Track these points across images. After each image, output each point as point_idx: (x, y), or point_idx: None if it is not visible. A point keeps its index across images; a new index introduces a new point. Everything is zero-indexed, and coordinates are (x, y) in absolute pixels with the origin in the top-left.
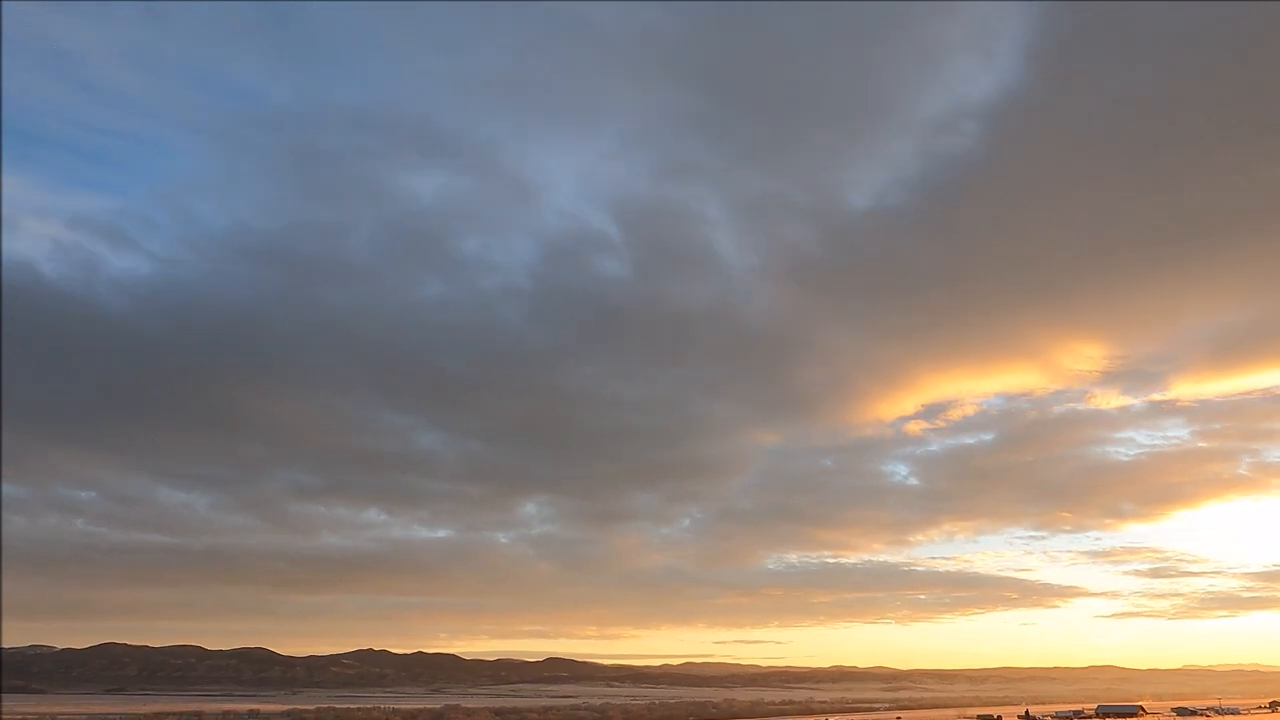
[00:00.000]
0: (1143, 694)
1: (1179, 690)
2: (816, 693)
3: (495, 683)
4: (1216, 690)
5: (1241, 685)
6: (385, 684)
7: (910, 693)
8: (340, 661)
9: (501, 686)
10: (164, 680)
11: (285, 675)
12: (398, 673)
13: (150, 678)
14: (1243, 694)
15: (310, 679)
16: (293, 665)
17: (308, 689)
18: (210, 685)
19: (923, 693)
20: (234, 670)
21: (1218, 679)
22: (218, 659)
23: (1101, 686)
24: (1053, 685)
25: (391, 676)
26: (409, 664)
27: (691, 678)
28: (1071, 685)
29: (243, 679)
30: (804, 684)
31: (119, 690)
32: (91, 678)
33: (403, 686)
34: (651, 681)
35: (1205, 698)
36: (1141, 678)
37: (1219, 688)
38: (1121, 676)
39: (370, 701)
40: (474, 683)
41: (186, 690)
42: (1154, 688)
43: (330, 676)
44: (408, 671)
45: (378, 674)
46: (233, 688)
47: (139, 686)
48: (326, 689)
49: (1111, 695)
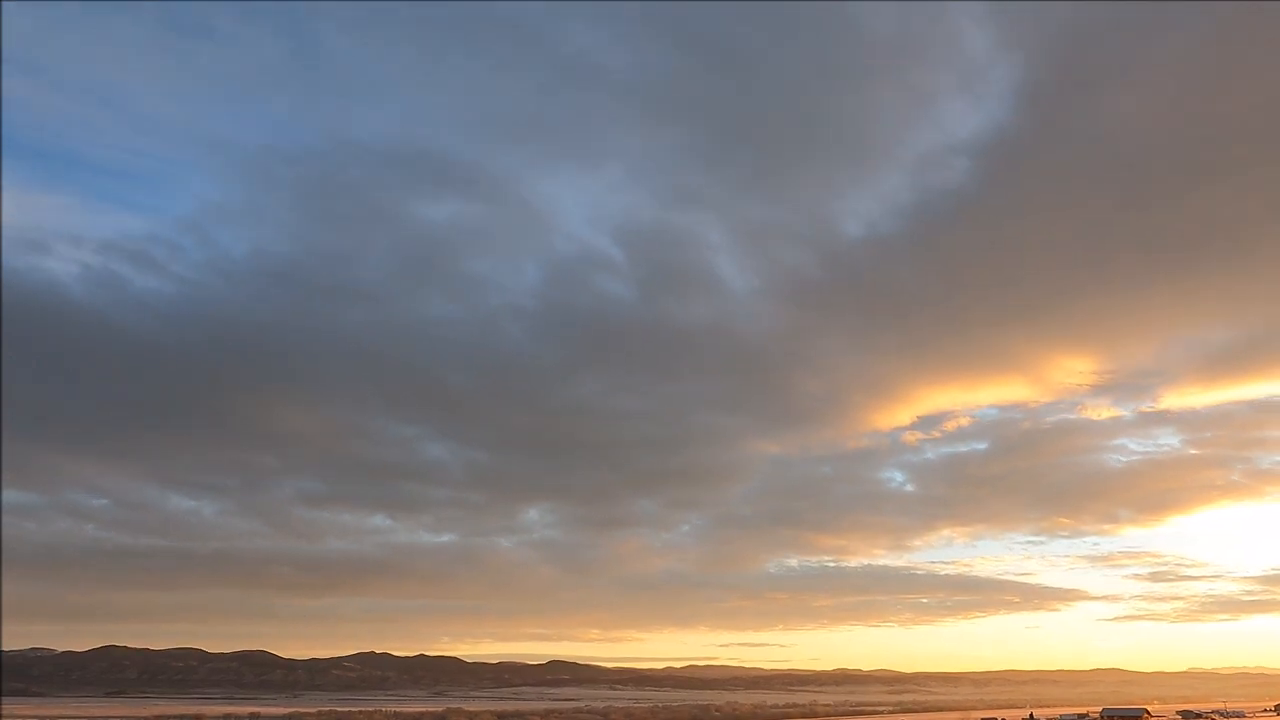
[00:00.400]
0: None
1: (1184, 693)
2: (820, 695)
3: (498, 685)
4: (1222, 693)
5: (1247, 688)
6: (387, 687)
7: (914, 695)
8: (342, 664)
9: (504, 689)
10: (165, 683)
11: (286, 678)
12: (399, 675)
13: (151, 680)
14: (1248, 697)
15: (311, 682)
16: (294, 668)
17: (309, 692)
18: (211, 688)
19: (927, 695)
20: (235, 673)
21: (1222, 682)
22: (219, 661)
23: (1106, 689)
24: (1057, 688)
25: (393, 679)
26: (411, 667)
27: (694, 680)
28: (1076, 688)
29: (244, 682)
30: (807, 687)
31: (119, 693)
32: (92, 680)
33: (405, 689)
34: (654, 684)
35: (1210, 700)
36: (1146, 681)
37: (1224, 690)
38: (1126, 679)
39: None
40: (476, 685)
41: (187, 693)
42: (1159, 690)
43: (332, 679)
44: (410, 674)
45: (379, 677)
46: (234, 690)
47: (139, 689)
48: (328, 692)
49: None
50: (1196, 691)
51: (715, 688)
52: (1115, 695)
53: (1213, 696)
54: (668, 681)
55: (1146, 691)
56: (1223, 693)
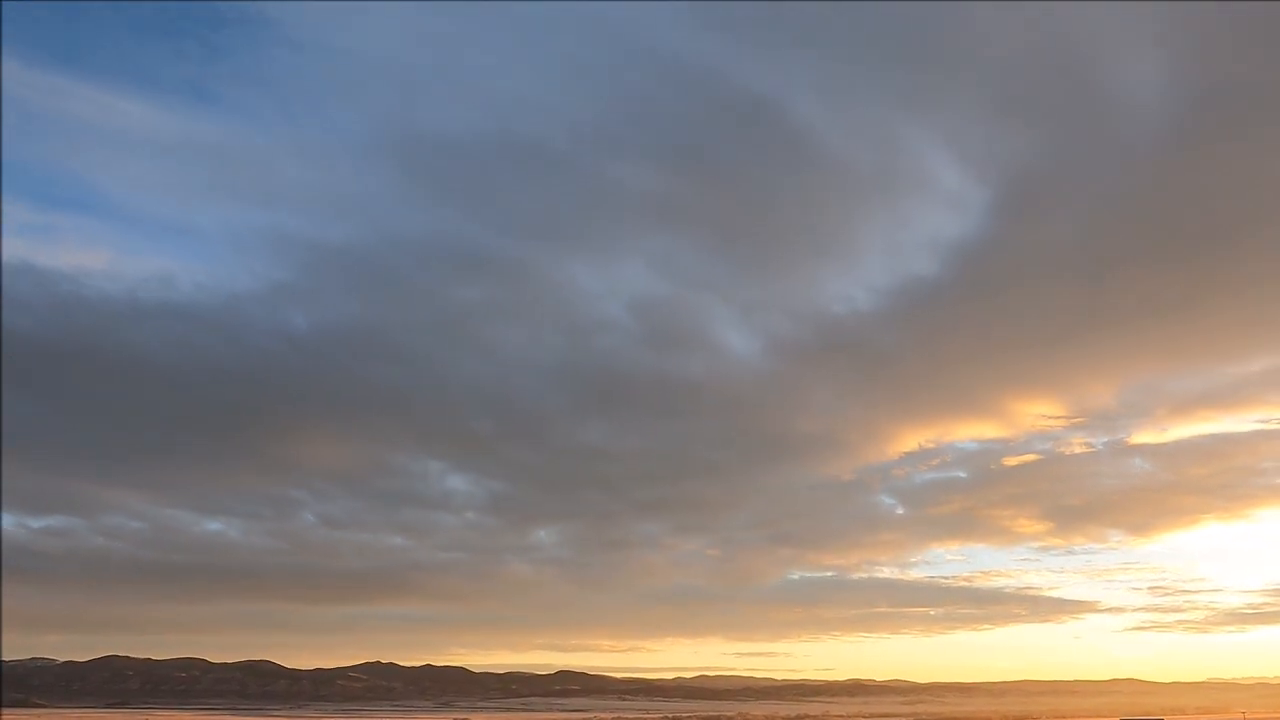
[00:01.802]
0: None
1: (1203, 704)
2: (833, 706)
3: (506, 696)
4: (1241, 704)
5: (1267, 699)
6: (394, 697)
7: (929, 707)
8: (348, 674)
9: (512, 700)
10: (167, 693)
11: (291, 688)
12: (406, 686)
13: (153, 691)
14: (1267, 708)
15: (317, 692)
16: (299, 678)
17: (314, 702)
18: (214, 698)
19: (941, 706)
20: (239, 683)
21: (1242, 692)
22: (222, 671)
23: (1124, 700)
24: (1074, 699)
25: (400, 690)
26: (418, 677)
27: (705, 691)
28: (1094, 699)
29: (248, 692)
30: (820, 697)
31: (121, 704)
32: (93, 691)
33: (411, 700)
34: (664, 695)
35: (1230, 711)
36: (1164, 691)
37: (1244, 701)
38: (1143, 690)
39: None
40: (484, 696)
41: (190, 703)
42: (1177, 701)
43: (337, 690)
44: (416, 685)
45: (386, 687)
46: (237, 701)
47: (141, 700)
48: (333, 703)
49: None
50: (1216, 701)
51: (726, 698)
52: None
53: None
54: (678, 692)
55: (1165, 702)
56: (1243, 703)
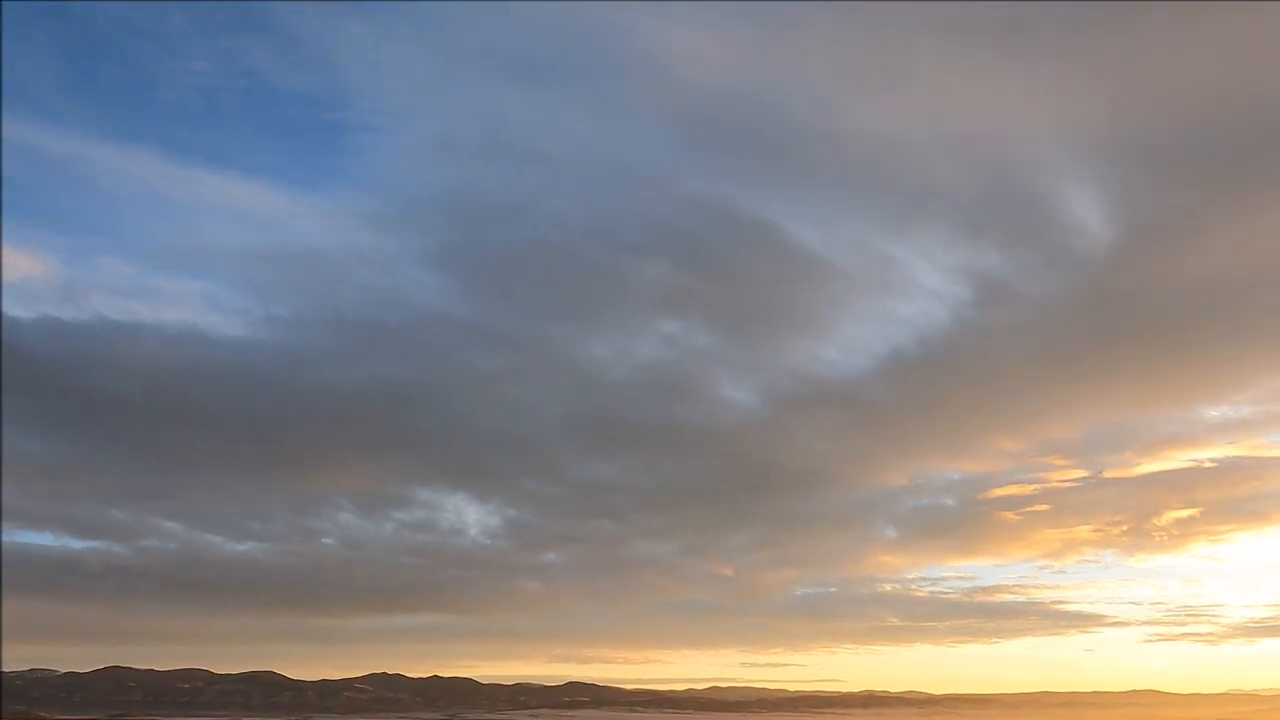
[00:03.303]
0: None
1: (1224, 715)
2: (847, 717)
3: (514, 708)
4: (1262, 716)
5: None
6: (400, 709)
7: (945, 718)
8: (353, 686)
9: (520, 711)
10: (170, 705)
11: (296, 700)
12: (413, 697)
13: (156, 702)
14: None
15: (322, 704)
16: (304, 690)
17: (319, 714)
18: (218, 710)
19: (959, 718)
20: (243, 695)
21: (1263, 704)
22: (226, 683)
23: (1144, 711)
24: (1093, 710)
25: (406, 701)
26: (425, 688)
27: (717, 702)
28: (1112, 710)
29: (252, 704)
30: (834, 709)
31: (124, 715)
32: (95, 702)
33: (418, 711)
34: (676, 706)
35: None
36: (1184, 702)
37: (1266, 713)
38: (1163, 701)
39: None
40: (492, 707)
41: (193, 715)
42: (1197, 713)
43: (343, 701)
44: (423, 696)
45: (392, 698)
46: (241, 713)
47: (144, 711)
48: (339, 714)
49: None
50: (1236, 712)
51: (738, 709)
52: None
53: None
54: (690, 703)
55: (1184, 713)
56: (1264, 715)
